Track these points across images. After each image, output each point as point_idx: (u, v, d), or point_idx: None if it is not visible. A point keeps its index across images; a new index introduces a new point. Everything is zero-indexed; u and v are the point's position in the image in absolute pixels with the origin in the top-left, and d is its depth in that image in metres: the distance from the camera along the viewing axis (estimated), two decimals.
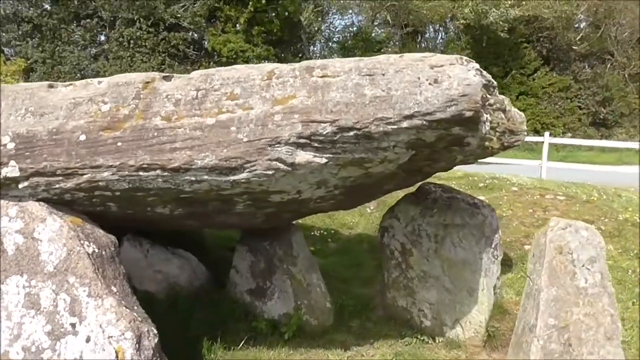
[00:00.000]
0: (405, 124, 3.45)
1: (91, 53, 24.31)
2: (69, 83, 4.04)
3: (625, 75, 29.35)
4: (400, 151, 3.77)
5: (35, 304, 3.65)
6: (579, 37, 29.70)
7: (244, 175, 3.66)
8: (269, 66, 3.81)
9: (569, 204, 8.04)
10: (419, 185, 5.69)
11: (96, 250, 3.88)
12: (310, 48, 31.76)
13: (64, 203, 4.04)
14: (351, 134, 3.52)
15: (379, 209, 8.34)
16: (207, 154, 3.59)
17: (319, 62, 3.71)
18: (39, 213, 3.84)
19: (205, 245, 7.46)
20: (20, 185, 3.85)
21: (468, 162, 4.53)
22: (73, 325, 3.60)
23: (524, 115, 4.73)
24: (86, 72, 23.21)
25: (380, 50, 30.04)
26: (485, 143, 4.04)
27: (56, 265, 3.71)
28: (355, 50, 29.76)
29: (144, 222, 4.78)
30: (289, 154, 3.58)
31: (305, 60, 4.18)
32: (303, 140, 3.55)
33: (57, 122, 3.78)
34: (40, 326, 3.60)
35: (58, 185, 3.84)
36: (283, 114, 3.54)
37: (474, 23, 27.87)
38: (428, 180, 5.57)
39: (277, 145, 3.55)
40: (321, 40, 34.31)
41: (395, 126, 3.46)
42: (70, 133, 3.74)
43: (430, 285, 5.45)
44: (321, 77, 3.61)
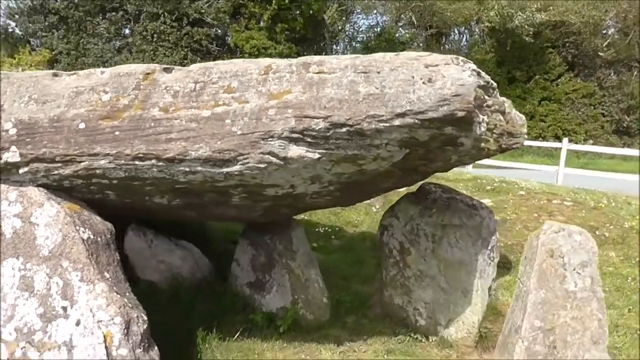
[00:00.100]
0: (397, 122, 3.47)
1: (115, 46, 24.65)
2: (73, 72, 4.13)
3: None
4: (394, 149, 3.79)
5: (29, 287, 3.72)
6: (605, 44, 29.37)
7: (237, 167, 3.72)
8: (266, 61, 3.86)
9: (575, 210, 7.99)
10: (420, 184, 5.71)
11: (91, 236, 3.95)
12: (333, 47, 31.81)
13: (63, 189, 4.12)
14: (344, 130, 3.54)
15: (384, 208, 8.34)
16: (201, 146, 3.65)
17: (316, 58, 3.74)
18: (37, 198, 3.93)
19: (209, 238, 7.54)
20: (21, 171, 3.94)
21: (464, 163, 4.54)
22: (64, 308, 3.67)
23: (524, 118, 4.70)
24: (109, 65, 23.42)
25: (403, 50, 29.90)
26: (481, 144, 4.04)
27: (51, 250, 3.79)
28: (378, 51, 29.66)
29: (143, 212, 4.85)
30: (282, 148, 3.62)
31: None
32: (296, 135, 3.58)
33: (59, 110, 3.87)
34: (33, 308, 3.67)
35: (57, 172, 3.93)
36: (277, 109, 3.58)
37: (499, 26, 27.74)
38: (429, 181, 5.59)
39: (270, 139, 3.59)
40: (345, 40, 34.35)
41: (387, 124, 3.48)
42: (70, 121, 3.82)
43: (427, 285, 5.47)
44: (317, 73, 3.65)
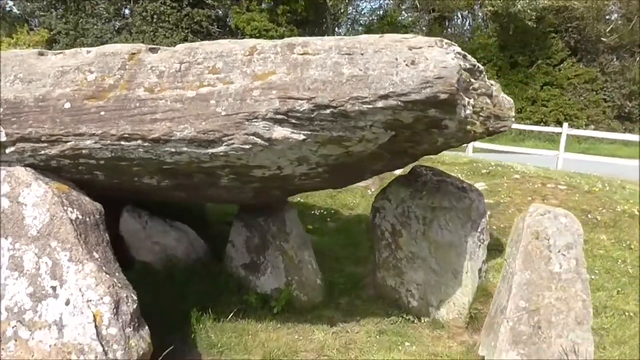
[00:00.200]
0: (380, 104, 3.47)
1: (114, 26, 24.57)
2: (59, 51, 4.13)
3: None
4: (378, 131, 3.79)
5: (18, 267, 3.75)
6: (608, 29, 29.13)
7: (222, 148, 3.72)
8: (251, 42, 3.85)
9: (569, 194, 7.99)
10: (411, 167, 5.72)
11: (80, 216, 3.98)
12: (335, 30, 31.63)
13: (51, 169, 4.14)
14: (328, 111, 3.54)
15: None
16: (186, 126, 3.66)
17: (301, 40, 3.73)
18: (24, 178, 3.94)
19: (206, 220, 7.57)
20: (7, 150, 3.96)
21: (452, 146, 4.54)
22: (54, 288, 3.71)
23: (512, 101, 4.71)
24: None
25: (405, 34, 29.76)
26: (466, 127, 4.04)
27: (39, 230, 3.82)
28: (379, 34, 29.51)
29: (134, 193, 4.87)
30: (266, 129, 3.62)
31: None
32: (280, 116, 3.59)
33: (44, 90, 3.87)
34: (23, 288, 3.71)
35: (43, 152, 3.94)
36: (261, 90, 3.58)
37: (502, 10, 27.52)
38: (422, 163, 5.60)
39: (255, 120, 3.59)
40: (347, 23, 34.16)
41: (370, 105, 3.48)
42: (56, 100, 3.83)
43: (418, 266, 5.50)
44: (302, 55, 3.64)
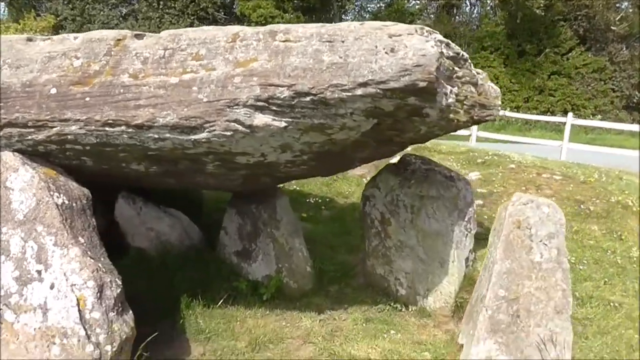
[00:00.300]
0: (359, 92, 3.49)
1: (121, 12, 24.55)
2: (48, 37, 4.17)
3: None
4: (359, 119, 3.81)
5: (5, 250, 3.81)
6: (619, 17, 28.84)
7: (204, 135, 3.76)
8: (234, 28, 3.87)
9: (564, 184, 7.98)
10: (402, 155, 5.74)
11: (66, 201, 4.03)
12: (342, 17, 31.50)
13: (39, 155, 4.19)
14: (308, 99, 3.57)
15: None
16: (169, 113, 3.69)
17: (283, 27, 3.75)
18: (12, 163, 4.00)
19: (201, 207, 7.63)
20: None
21: (437, 135, 4.54)
22: (39, 272, 3.76)
23: (499, 90, 4.70)
24: None
25: (412, 22, 29.67)
26: (449, 115, 4.05)
27: (26, 214, 3.87)
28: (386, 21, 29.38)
29: (124, 179, 4.91)
30: (247, 116, 3.65)
31: None
32: (261, 103, 3.61)
33: (31, 75, 3.92)
34: (9, 271, 3.76)
35: (30, 137, 3.99)
36: (243, 77, 3.61)
37: None
38: (417, 152, 5.61)
39: (236, 106, 3.62)
40: (354, 10, 34.01)
41: (350, 93, 3.50)
42: (42, 86, 3.87)
43: (406, 255, 5.53)
44: (283, 42, 3.66)
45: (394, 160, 6.94)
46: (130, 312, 4.04)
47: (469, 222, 5.39)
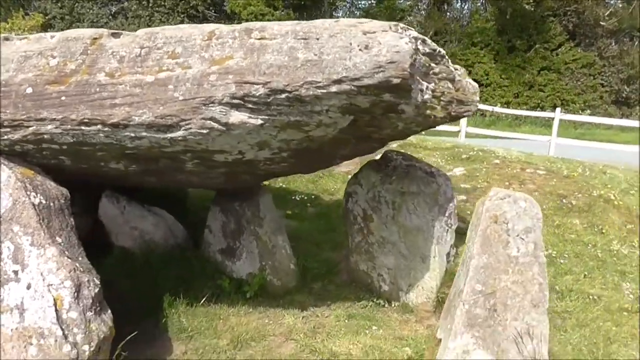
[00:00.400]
0: (334, 89, 3.50)
1: (110, 11, 24.45)
2: (24, 36, 4.16)
3: None
4: (335, 116, 3.82)
5: None
6: (608, 13, 28.93)
7: (180, 133, 3.76)
8: (210, 26, 3.87)
9: (547, 179, 8.02)
10: (383, 152, 5.76)
11: (43, 201, 4.02)
12: (333, 14, 31.44)
13: (16, 154, 4.18)
14: (283, 96, 3.57)
15: None
16: (145, 111, 3.69)
17: (259, 24, 3.75)
18: None
19: (187, 205, 7.63)
20: None
21: (415, 131, 4.57)
22: (15, 272, 3.75)
23: (477, 86, 4.72)
24: None
25: (403, 18, 29.71)
26: (426, 111, 4.07)
27: (2, 214, 3.85)
28: (378, 18, 29.39)
29: (105, 178, 4.91)
30: (223, 113, 3.66)
31: None
32: (237, 101, 3.62)
33: (7, 75, 3.91)
34: None
35: (6, 137, 3.99)
36: (218, 74, 3.61)
37: None
38: (403, 148, 5.63)
39: (211, 104, 3.63)
40: (346, 7, 33.95)
41: (324, 90, 3.51)
42: (18, 86, 3.87)
43: (388, 251, 5.55)
44: (259, 39, 3.67)
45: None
46: (109, 312, 4.03)
47: (449, 218, 5.42)
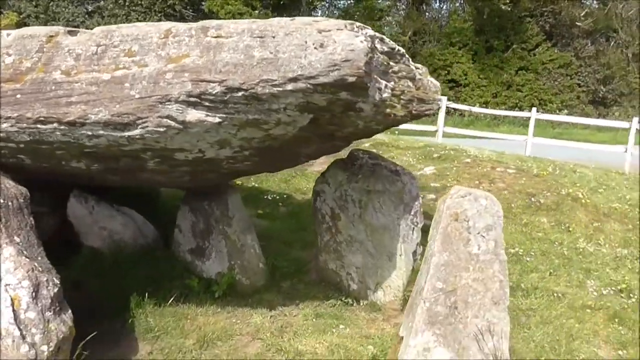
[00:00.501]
0: (290, 87, 3.50)
1: (86, 9, 24.18)
2: None
3: (628, 55, 28.92)
4: (294, 114, 3.81)
5: None
6: (583, 13, 29.22)
7: (137, 131, 3.74)
8: (166, 24, 3.86)
9: (517, 177, 8.08)
10: (350, 151, 5.76)
11: (1, 200, 3.97)
12: (312, 14, 31.42)
13: None
14: (240, 94, 3.57)
15: None
16: (101, 109, 3.67)
17: (215, 23, 3.75)
18: None
19: (158, 205, 7.58)
20: None
21: (377, 129, 4.57)
22: None
23: (439, 85, 4.74)
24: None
25: (381, 18, 29.79)
26: (385, 110, 4.08)
27: None
28: (355, 18, 29.45)
29: (68, 177, 4.87)
30: (180, 112, 3.64)
31: None
32: (193, 99, 3.60)
33: None
34: None
35: None
36: (174, 73, 3.60)
37: None
38: (375, 147, 5.64)
39: (168, 102, 3.61)
40: (324, 6, 33.94)
41: (280, 88, 3.51)
42: None
43: (356, 250, 5.56)
44: (215, 38, 3.66)
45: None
46: (69, 312, 3.98)
47: (415, 216, 5.44)
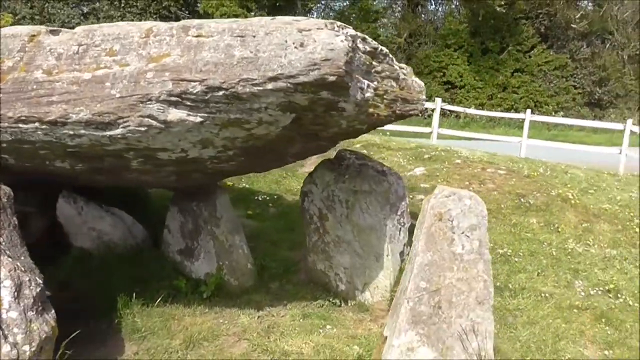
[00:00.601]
0: (270, 86, 3.50)
1: (82, 11, 24.14)
2: None
3: (624, 57, 28.99)
4: (275, 113, 3.81)
5: None
6: (579, 15, 29.27)
7: (119, 130, 3.73)
8: (148, 24, 3.86)
9: (507, 178, 8.07)
10: (338, 151, 5.76)
11: None
12: (308, 15, 31.44)
13: None
14: (220, 93, 3.56)
15: None
16: (82, 109, 3.66)
17: (196, 22, 3.75)
18: None
19: (148, 206, 7.56)
20: None
21: (360, 129, 4.56)
22: None
23: (423, 85, 4.74)
24: None
25: (377, 20, 29.82)
26: (368, 109, 4.07)
27: None
28: (351, 19, 29.48)
29: (52, 176, 4.85)
30: (161, 111, 3.63)
31: None
32: (174, 98, 3.60)
33: None
34: None
35: None
36: (155, 72, 3.60)
37: None
38: (367, 148, 5.63)
39: (149, 102, 3.60)
40: (320, 8, 33.98)
41: (261, 87, 3.51)
42: None
43: (344, 250, 5.55)
44: (196, 37, 3.66)
45: None
46: (52, 312, 3.97)
47: (401, 216, 5.43)
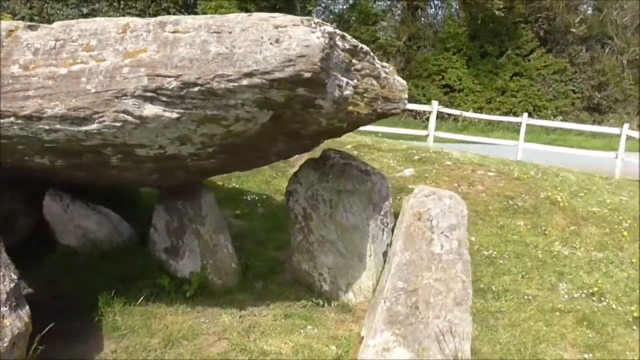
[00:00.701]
0: (245, 82, 3.48)
1: (81, 12, 24.19)
2: None
3: (623, 61, 28.96)
4: (252, 110, 3.79)
5: None
6: (578, 19, 29.26)
7: (95, 126, 3.71)
8: (125, 20, 3.85)
9: (497, 180, 8.04)
10: (322, 150, 5.74)
11: None
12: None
13: None
14: (196, 89, 3.55)
15: None
16: (57, 103, 3.65)
17: (172, 18, 3.73)
18: None
19: (137, 204, 7.54)
20: None
21: (340, 127, 4.52)
22: None
23: (405, 84, 4.71)
24: None
25: (376, 23, 29.81)
26: (347, 107, 4.05)
27: None
28: (350, 22, 29.51)
29: (34, 172, 4.85)
30: (137, 106, 3.62)
31: None
32: (150, 94, 3.58)
33: None
34: None
35: None
36: (131, 67, 3.58)
37: None
38: (358, 148, 5.60)
39: (124, 97, 3.59)
40: (319, 11, 33.99)
41: (236, 84, 3.49)
42: None
43: (328, 250, 5.52)
44: (172, 33, 3.64)
45: None
46: (27, 308, 3.95)
47: (385, 217, 5.40)
